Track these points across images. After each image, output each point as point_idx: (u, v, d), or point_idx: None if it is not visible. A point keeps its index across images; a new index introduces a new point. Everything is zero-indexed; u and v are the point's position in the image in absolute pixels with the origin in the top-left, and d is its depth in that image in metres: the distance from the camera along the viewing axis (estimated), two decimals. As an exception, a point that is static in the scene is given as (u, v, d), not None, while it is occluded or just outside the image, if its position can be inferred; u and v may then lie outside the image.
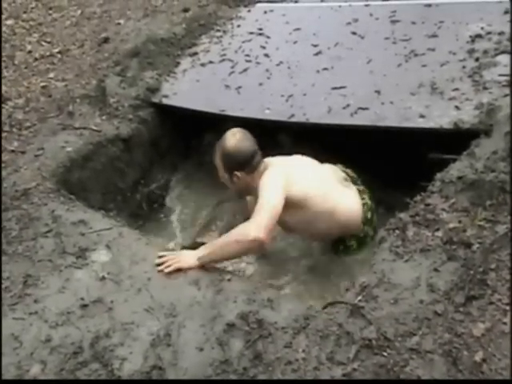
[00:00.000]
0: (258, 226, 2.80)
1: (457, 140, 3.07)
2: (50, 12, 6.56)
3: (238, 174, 3.14)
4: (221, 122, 3.94)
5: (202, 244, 3.52)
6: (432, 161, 3.05)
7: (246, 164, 3.13)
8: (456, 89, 3.56)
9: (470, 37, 4.05)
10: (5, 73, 5.30)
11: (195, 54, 5.06)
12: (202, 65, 4.87)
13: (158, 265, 2.90)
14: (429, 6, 4.74)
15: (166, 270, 2.84)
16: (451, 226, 2.60)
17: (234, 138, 3.11)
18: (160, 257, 2.95)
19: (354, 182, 3.47)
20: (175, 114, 4.55)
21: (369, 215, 3.39)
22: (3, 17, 6.55)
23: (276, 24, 5.22)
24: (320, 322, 2.40)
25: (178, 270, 2.85)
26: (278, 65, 4.51)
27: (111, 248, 3.08)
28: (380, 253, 2.64)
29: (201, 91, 4.52)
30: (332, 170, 3.44)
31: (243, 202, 3.68)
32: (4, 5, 6.84)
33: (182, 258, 2.90)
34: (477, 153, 2.95)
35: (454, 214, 2.66)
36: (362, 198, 3.39)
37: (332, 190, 3.28)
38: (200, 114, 4.28)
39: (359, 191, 3.41)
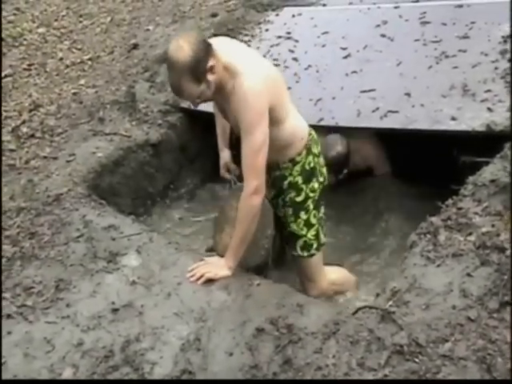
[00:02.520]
0: (250, 195, 2.70)
1: (489, 142, 3.03)
2: (81, 19, 6.64)
3: (211, 64, 2.57)
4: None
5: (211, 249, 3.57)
6: (464, 164, 3.01)
7: (210, 51, 2.61)
8: (488, 90, 3.51)
9: (503, 37, 3.98)
10: (37, 80, 5.39)
11: (224, 58, 5.07)
12: (231, 69, 4.87)
13: (191, 275, 2.89)
14: (460, 6, 4.67)
15: (199, 282, 2.82)
16: (484, 230, 2.56)
17: (183, 43, 2.55)
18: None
19: None
20: (204, 119, 4.55)
21: (315, 149, 3.08)
22: (34, 25, 6.65)
23: (304, 27, 5.21)
24: (350, 327, 2.38)
25: (210, 280, 2.83)
26: (306, 68, 4.50)
27: (141, 253, 3.10)
28: (411, 257, 2.61)
29: (230, 96, 4.52)
30: None
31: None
32: (35, 13, 6.96)
33: (212, 268, 2.87)
34: (510, 155, 2.90)
35: (486, 218, 2.62)
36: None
37: (288, 97, 2.97)
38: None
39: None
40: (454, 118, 3.40)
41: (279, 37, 5.13)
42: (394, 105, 3.70)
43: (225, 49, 2.69)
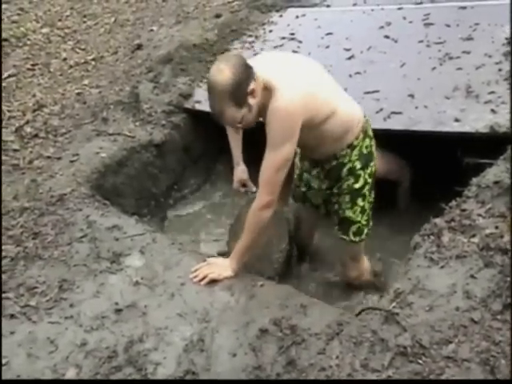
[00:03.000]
0: (262, 209, 2.72)
1: (493, 144, 3.02)
2: (85, 20, 6.65)
3: (252, 88, 2.56)
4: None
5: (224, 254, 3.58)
6: (468, 165, 3.01)
7: (251, 74, 2.59)
8: (492, 92, 3.51)
9: (506, 39, 3.99)
10: (40, 80, 5.39)
11: (227, 59, 5.07)
12: (235, 70, 4.87)
13: (194, 275, 2.89)
14: (463, 8, 4.68)
15: (202, 283, 2.82)
16: (488, 231, 2.55)
17: (224, 67, 2.53)
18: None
19: None
20: (208, 120, 4.55)
21: (370, 131, 3.06)
22: (38, 25, 6.65)
23: (308, 28, 5.21)
24: (354, 328, 2.38)
25: (213, 281, 2.83)
26: (310, 69, 4.49)
27: (145, 253, 3.11)
28: (415, 259, 2.61)
29: (233, 96, 4.53)
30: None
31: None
32: (39, 13, 6.96)
33: (216, 268, 2.87)
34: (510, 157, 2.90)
35: (490, 220, 2.62)
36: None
37: (334, 91, 2.93)
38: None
39: None
40: (457, 120, 3.40)
41: (283, 38, 5.13)
42: (398, 106, 3.70)
43: (264, 68, 2.66)
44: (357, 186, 3.00)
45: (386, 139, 3.58)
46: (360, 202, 3.05)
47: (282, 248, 3.21)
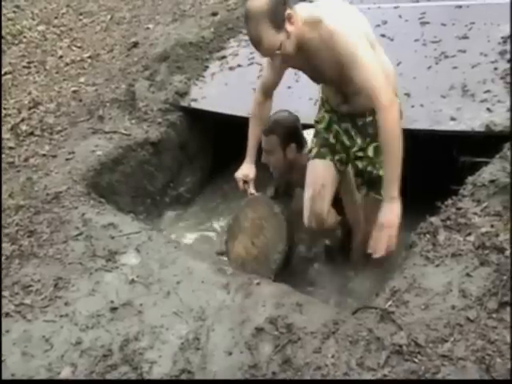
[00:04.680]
0: (390, 107, 2.49)
1: (489, 143, 3.02)
2: (81, 17, 6.64)
3: (289, 12, 2.51)
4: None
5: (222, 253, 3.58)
6: (463, 164, 3.01)
7: (287, 1, 2.54)
8: (488, 91, 3.51)
9: (502, 38, 3.99)
10: (36, 78, 5.38)
11: (224, 57, 5.08)
12: (231, 68, 4.87)
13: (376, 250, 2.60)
14: (459, 7, 4.68)
15: (386, 248, 2.54)
16: (483, 230, 2.55)
17: None
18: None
19: None
20: (204, 118, 4.56)
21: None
22: (34, 22, 6.64)
23: (304, 27, 5.20)
24: (349, 327, 2.38)
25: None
26: (306, 68, 4.49)
27: (140, 251, 3.10)
28: (411, 257, 2.61)
29: (229, 95, 4.53)
30: None
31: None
32: (35, 10, 6.95)
33: (388, 224, 2.56)
34: (509, 156, 2.90)
35: (486, 219, 2.62)
36: None
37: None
38: (229, 118, 4.28)
39: None
40: (453, 118, 3.40)
41: (279, 36, 5.11)
42: (394, 105, 3.69)
43: (302, 7, 2.61)
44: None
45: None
46: None
47: (280, 249, 3.22)
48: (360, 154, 3.05)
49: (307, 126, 3.74)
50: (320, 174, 3.13)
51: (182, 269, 2.94)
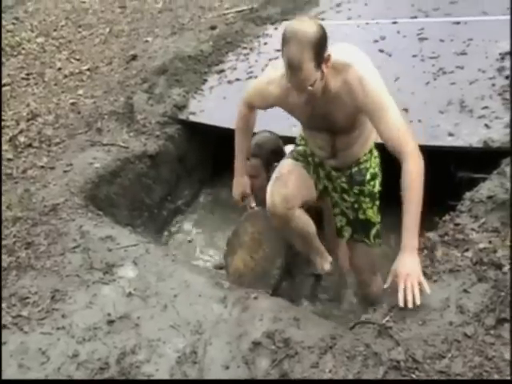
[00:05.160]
0: (417, 156, 2.44)
1: (486, 159, 3.04)
2: (80, 30, 6.66)
3: (329, 53, 2.39)
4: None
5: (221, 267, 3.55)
6: (461, 180, 3.02)
7: (327, 39, 2.42)
8: (485, 107, 3.53)
9: (500, 54, 4.02)
10: (35, 89, 5.39)
11: (222, 71, 5.10)
12: (229, 82, 4.89)
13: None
14: (457, 23, 4.73)
15: (418, 297, 2.35)
16: (481, 246, 2.56)
17: (309, 20, 2.39)
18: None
19: None
20: (202, 131, 4.57)
21: None
22: (33, 34, 6.66)
23: (303, 42, 5.22)
24: (347, 341, 2.37)
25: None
26: (304, 82, 4.51)
27: (138, 264, 3.09)
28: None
29: (227, 108, 4.53)
30: None
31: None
32: (34, 23, 6.98)
33: (413, 273, 2.39)
34: (507, 172, 2.91)
35: (484, 235, 2.62)
36: None
37: None
38: (227, 131, 4.29)
39: None
40: (451, 134, 3.42)
41: (278, 50, 5.06)
42: (392, 120, 3.70)
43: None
44: (376, 189, 2.95)
45: (380, 153, 3.59)
46: (377, 202, 2.98)
47: (278, 265, 3.21)
48: (346, 196, 3.01)
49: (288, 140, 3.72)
50: (288, 166, 3.00)
51: (180, 282, 2.93)
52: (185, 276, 2.97)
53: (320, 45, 2.32)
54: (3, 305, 2.91)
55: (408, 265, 2.39)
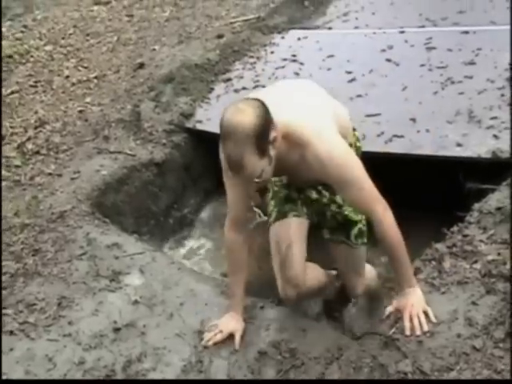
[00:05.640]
0: (385, 215, 2.34)
1: (495, 170, 3.03)
2: (88, 38, 6.68)
3: (274, 135, 2.18)
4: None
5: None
6: (469, 190, 3.01)
7: (272, 119, 2.19)
8: (494, 117, 3.52)
9: (509, 64, 4.01)
10: (43, 97, 5.40)
11: (229, 80, 5.10)
12: (236, 91, 4.90)
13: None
14: (466, 32, 4.73)
15: (425, 324, 2.37)
16: (490, 258, 2.55)
17: (245, 107, 2.14)
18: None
19: None
20: (208, 140, 4.57)
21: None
22: (42, 42, 6.69)
23: (309, 51, 5.25)
24: (353, 353, 2.36)
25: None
26: (311, 91, 4.51)
27: (144, 272, 3.10)
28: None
29: (234, 117, 4.54)
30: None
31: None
32: (43, 31, 7.00)
33: (417, 304, 2.42)
34: (512, 183, 2.91)
35: (492, 246, 2.61)
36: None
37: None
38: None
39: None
40: (459, 144, 3.41)
41: (284, 59, 5.16)
42: (399, 129, 3.71)
43: (276, 110, 2.23)
44: None
45: (387, 163, 3.59)
46: None
47: None
48: (327, 201, 2.75)
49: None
50: (283, 235, 2.70)
51: (186, 290, 2.93)
52: (191, 284, 2.97)
53: (260, 134, 2.10)
54: (10, 311, 2.91)
55: (411, 297, 2.42)
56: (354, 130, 2.77)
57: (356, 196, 2.35)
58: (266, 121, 2.13)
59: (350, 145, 2.56)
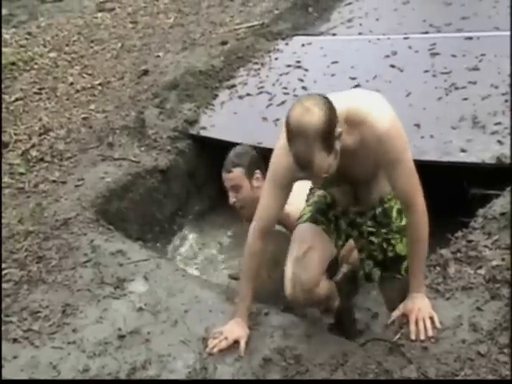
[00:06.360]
0: (424, 212, 2.38)
1: (499, 175, 3.02)
2: (92, 45, 6.70)
3: (340, 129, 2.20)
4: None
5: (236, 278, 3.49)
6: (474, 196, 3.01)
7: (336, 113, 2.21)
8: (498, 123, 3.52)
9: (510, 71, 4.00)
10: (47, 104, 5.42)
11: (233, 86, 5.11)
12: (240, 97, 4.91)
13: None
14: (470, 38, 4.72)
15: (430, 328, 2.38)
16: (494, 263, 2.54)
17: (311, 106, 2.14)
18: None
19: None
20: (213, 146, 4.58)
21: None
22: (46, 49, 6.71)
23: (314, 57, 5.25)
24: (358, 359, 2.36)
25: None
26: (315, 97, 4.50)
27: (148, 279, 3.10)
28: (420, 290, 2.59)
29: (238, 123, 4.55)
30: None
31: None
32: (47, 38, 7.02)
33: (424, 309, 2.43)
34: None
35: (497, 252, 2.61)
36: None
37: None
38: (237, 146, 4.30)
39: None
40: (463, 150, 3.41)
41: (289, 65, 5.16)
42: (404, 135, 3.70)
43: (337, 100, 2.25)
44: (403, 222, 2.62)
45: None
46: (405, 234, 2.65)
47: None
48: (373, 238, 2.72)
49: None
50: (308, 237, 2.67)
51: (190, 297, 2.93)
52: (195, 291, 2.97)
53: (328, 131, 2.12)
54: (14, 319, 2.91)
55: (418, 302, 2.44)
56: None
57: (405, 180, 2.35)
58: (332, 118, 2.14)
59: None
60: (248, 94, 4.89)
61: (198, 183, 4.68)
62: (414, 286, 2.47)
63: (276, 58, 5.41)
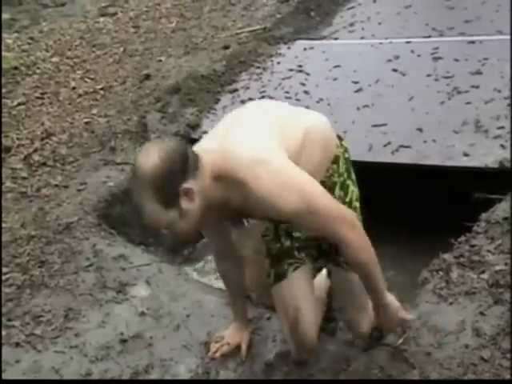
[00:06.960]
0: (353, 229, 1.97)
1: (502, 179, 3.01)
2: (94, 49, 6.70)
3: (188, 186, 1.87)
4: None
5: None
6: (477, 200, 3.00)
7: (189, 168, 1.89)
8: (501, 127, 3.50)
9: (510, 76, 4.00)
10: (49, 108, 5.42)
11: (235, 90, 5.11)
12: (242, 101, 4.89)
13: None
14: (472, 42, 4.71)
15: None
16: (497, 268, 2.54)
17: (152, 148, 1.89)
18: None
19: None
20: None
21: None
22: (48, 54, 6.72)
23: (316, 61, 5.24)
24: (361, 364, 2.36)
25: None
26: (317, 102, 4.51)
27: (151, 283, 3.10)
28: (423, 295, 2.58)
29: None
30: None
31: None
32: (49, 42, 7.03)
33: (395, 319, 2.23)
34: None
35: (500, 256, 2.60)
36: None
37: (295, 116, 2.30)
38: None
39: None
40: (466, 154, 3.39)
41: (291, 70, 5.16)
42: (406, 140, 3.70)
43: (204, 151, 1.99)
44: (347, 199, 2.35)
45: (394, 173, 3.58)
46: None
47: None
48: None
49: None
50: (288, 299, 2.38)
51: (192, 302, 2.94)
52: (197, 296, 2.97)
53: (163, 183, 1.83)
54: (17, 323, 2.92)
55: (388, 315, 2.19)
56: (341, 139, 2.45)
57: (311, 225, 1.99)
58: (171, 169, 1.84)
59: (337, 157, 2.33)
60: (250, 99, 4.88)
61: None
62: (377, 299, 2.15)
63: (278, 62, 5.41)
